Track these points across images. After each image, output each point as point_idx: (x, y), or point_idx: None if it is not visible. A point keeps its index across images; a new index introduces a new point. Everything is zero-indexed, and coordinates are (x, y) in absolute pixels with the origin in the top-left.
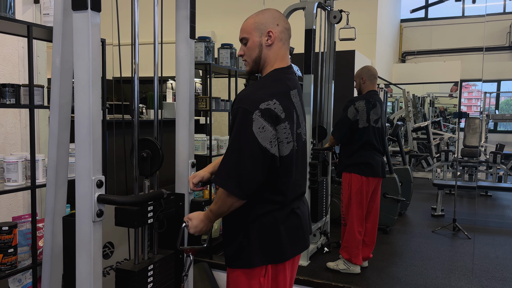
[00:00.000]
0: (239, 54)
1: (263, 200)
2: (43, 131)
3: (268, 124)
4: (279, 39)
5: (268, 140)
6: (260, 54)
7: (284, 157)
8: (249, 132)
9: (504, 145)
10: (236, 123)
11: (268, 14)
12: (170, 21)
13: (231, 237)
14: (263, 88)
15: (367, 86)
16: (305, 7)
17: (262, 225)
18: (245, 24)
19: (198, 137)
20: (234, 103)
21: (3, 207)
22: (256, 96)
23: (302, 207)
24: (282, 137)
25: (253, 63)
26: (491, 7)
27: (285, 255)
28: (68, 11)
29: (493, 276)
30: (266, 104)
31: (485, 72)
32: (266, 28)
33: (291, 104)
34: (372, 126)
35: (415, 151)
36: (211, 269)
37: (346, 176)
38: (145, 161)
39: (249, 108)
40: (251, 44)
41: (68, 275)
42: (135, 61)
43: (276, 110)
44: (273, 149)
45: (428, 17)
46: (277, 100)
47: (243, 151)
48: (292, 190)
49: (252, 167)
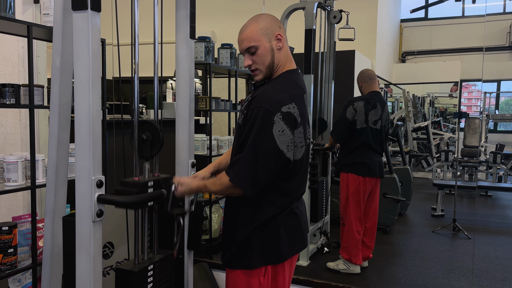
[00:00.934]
0: (246, 65)
1: (268, 203)
2: (43, 131)
3: (287, 127)
4: (285, 40)
5: (285, 144)
6: (273, 59)
7: (296, 161)
8: (269, 134)
9: (504, 145)
10: (256, 122)
11: (268, 18)
12: (170, 21)
13: (232, 238)
14: (284, 90)
15: (365, 88)
16: (305, 7)
17: (264, 228)
18: (250, 33)
19: (198, 137)
20: (255, 101)
21: (3, 207)
22: (279, 97)
23: (301, 207)
24: (297, 142)
25: (267, 70)
26: (491, 7)
27: (284, 255)
28: (68, 11)
29: (493, 276)
30: (287, 108)
31: (485, 72)
32: (273, 32)
33: (305, 109)
34: (370, 127)
35: (415, 151)
36: (211, 269)
37: (344, 176)
38: (145, 144)
39: (271, 109)
40: (263, 50)
41: (68, 275)
42: (135, 61)
43: (295, 114)
44: (289, 153)
45: (428, 17)
46: (296, 104)
47: (262, 152)
48: (296, 193)
49: (267, 168)
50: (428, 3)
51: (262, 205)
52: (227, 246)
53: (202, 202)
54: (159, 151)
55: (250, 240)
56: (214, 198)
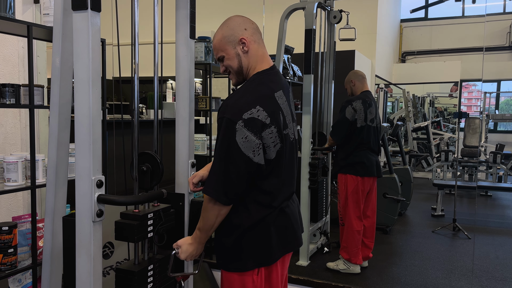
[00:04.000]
0: (222, 71)
1: (251, 202)
2: (43, 131)
3: (251, 133)
4: (253, 41)
5: (251, 149)
6: (241, 63)
7: (271, 160)
8: (232, 142)
9: (504, 145)
10: (220, 132)
11: (232, 23)
12: (170, 21)
13: (224, 242)
14: (246, 95)
15: (358, 87)
16: (305, 7)
17: (254, 230)
18: (215, 43)
19: (198, 137)
20: (219, 112)
21: (3, 207)
22: (239, 105)
23: (292, 206)
24: (269, 142)
25: (236, 75)
26: (491, 7)
27: (275, 256)
28: (68, 11)
29: (493, 276)
30: (250, 114)
31: (485, 72)
32: (236, 37)
33: (276, 107)
34: (368, 125)
35: (415, 151)
36: (211, 269)
37: (342, 177)
38: (145, 175)
39: (232, 118)
40: (229, 58)
41: (68, 275)
42: (135, 61)
43: (260, 117)
44: (256, 158)
45: (428, 17)
46: (261, 106)
47: (228, 160)
48: (280, 190)
49: (236, 175)
50: (428, 3)
51: (245, 204)
52: (219, 249)
53: (202, 202)
54: (159, 182)
55: (241, 243)
56: None
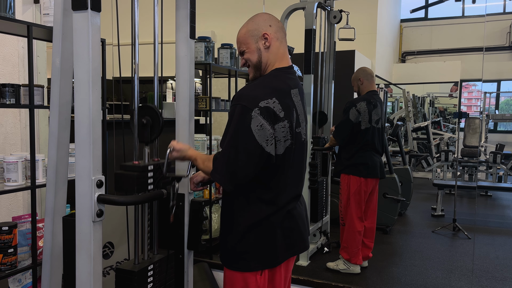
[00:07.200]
0: (241, 65)
1: (254, 200)
2: (43, 131)
3: (266, 122)
4: (276, 38)
5: (264, 138)
6: (260, 58)
7: (280, 156)
8: (247, 129)
9: (504, 145)
10: (234, 119)
11: (258, 18)
12: (170, 21)
13: (228, 241)
14: (263, 86)
15: (366, 86)
16: (305, 7)
17: (259, 231)
18: (239, 36)
19: (198, 137)
20: (233, 100)
21: (3, 207)
22: (256, 93)
23: (299, 208)
24: (280, 136)
25: (255, 69)
26: (491, 7)
27: (280, 258)
28: (68, 11)
29: (493, 276)
30: (266, 102)
31: (485, 72)
32: (260, 32)
33: (291, 103)
34: (373, 127)
35: (415, 151)
36: (211, 269)
37: (345, 178)
38: (145, 128)
39: (248, 105)
40: (250, 51)
41: (68, 275)
42: (135, 61)
43: (275, 109)
44: (269, 147)
45: (428, 17)
46: (277, 98)
47: (241, 147)
48: (285, 190)
49: (247, 163)
50: (428, 3)
51: (249, 201)
52: (223, 247)
53: (202, 202)
54: (159, 135)
55: (245, 242)
56: (214, 198)
